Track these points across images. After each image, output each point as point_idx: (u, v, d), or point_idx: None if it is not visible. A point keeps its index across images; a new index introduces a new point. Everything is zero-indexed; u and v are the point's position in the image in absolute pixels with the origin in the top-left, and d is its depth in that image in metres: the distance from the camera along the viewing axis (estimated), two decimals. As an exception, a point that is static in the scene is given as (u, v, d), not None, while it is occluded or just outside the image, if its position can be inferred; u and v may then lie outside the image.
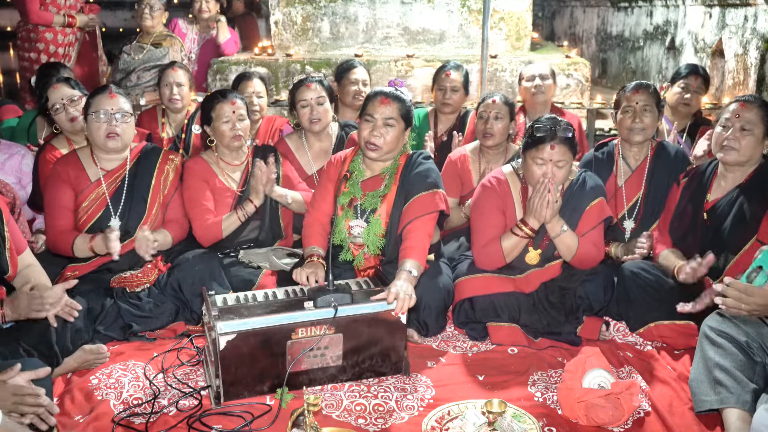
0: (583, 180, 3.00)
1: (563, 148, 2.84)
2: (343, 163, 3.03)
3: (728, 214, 2.84)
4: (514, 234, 2.91)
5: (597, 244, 2.95)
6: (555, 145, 2.82)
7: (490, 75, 5.21)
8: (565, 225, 2.89)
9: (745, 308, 2.25)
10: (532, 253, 2.99)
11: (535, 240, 2.97)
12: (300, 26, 5.72)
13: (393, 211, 2.91)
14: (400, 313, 2.54)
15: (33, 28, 5.20)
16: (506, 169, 3.10)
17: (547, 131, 2.83)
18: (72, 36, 5.30)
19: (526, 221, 2.88)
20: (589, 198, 2.96)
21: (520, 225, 2.90)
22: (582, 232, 2.93)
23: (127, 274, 3.00)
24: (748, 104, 2.81)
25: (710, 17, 5.28)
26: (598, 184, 3.02)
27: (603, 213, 2.97)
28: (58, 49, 5.23)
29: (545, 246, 2.98)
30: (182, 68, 4.16)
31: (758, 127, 2.79)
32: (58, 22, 5.18)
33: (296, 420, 2.21)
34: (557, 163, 2.85)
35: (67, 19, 5.19)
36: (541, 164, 2.85)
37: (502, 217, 2.99)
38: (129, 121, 3.09)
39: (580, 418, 2.34)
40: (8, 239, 2.50)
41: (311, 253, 2.87)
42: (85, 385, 2.56)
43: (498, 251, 2.94)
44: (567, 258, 2.95)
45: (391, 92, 2.92)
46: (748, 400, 2.19)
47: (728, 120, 2.83)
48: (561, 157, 2.84)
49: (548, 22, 9.57)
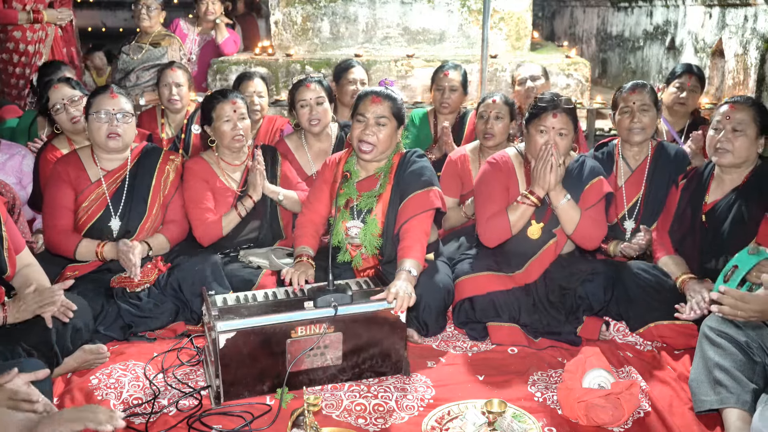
0: (582, 162, 3.05)
1: (565, 117, 2.91)
2: (338, 164, 3.04)
3: (727, 217, 2.84)
4: (521, 203, 2.94)
5: (598, 221, 2.96)
6: (557, 114, 2.90)
7: (490, 75, 5.21)
8: (568, 195, 2.92)
9: (742, 315, 2.24)
10: (535, 226, 3.01)
11: (538, 212, 2.99)
12: (300, 26, 5.72)
13: (389, 211, 2.92)
14: (400, 312, 2.54)
15: (1, 29, 5.10)
16: (510, 151, 3.15)
17: (550, 101, 2.93)
18: (42, 32, 5.17)
19: (533, 190, 2.92)
20: (588, 177, 2.99)
21: (526, 194, 2.93)
22: (583, 209, 2.94)
23: (127, 274, 3.00)
24: (737, 105, 2.82)
25: (710, 17, 5.28)
26: (597, 165, 3.06)
27: (602, 190, 2.98)
28: (27, 47, 5.11)
29: (548, 219, 3.00)
30: (181, 68, 4.16)
31: (750, 127, 2.79)
32: (23, 19, 5.06)
33: (296, 420, 2.21)
34: (560, 131, 2.90)
35: (33, 15, 5.06)
36: (544, 132, 2.91)
37: (506, 193, 3.02)
38: (130, 121, 3.09)
39: (580, 418, 2.34)
40: (6, 239, 2.50)
41: (300, 253, 2.90)
42: (85, 385, 2.56)
43: (504, 222, 2.96)
44: (569, 231, 2.95)
45: (382, 91, 2.93)
46: (748, 400, 2.19)
47: (719, 122, 2.84)
48: (563, 125, 2.90)
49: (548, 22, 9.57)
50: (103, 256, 3.00)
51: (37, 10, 5.10)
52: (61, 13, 5.27)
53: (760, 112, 2.83)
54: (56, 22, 5.26)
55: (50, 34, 5.25)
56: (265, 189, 3.23)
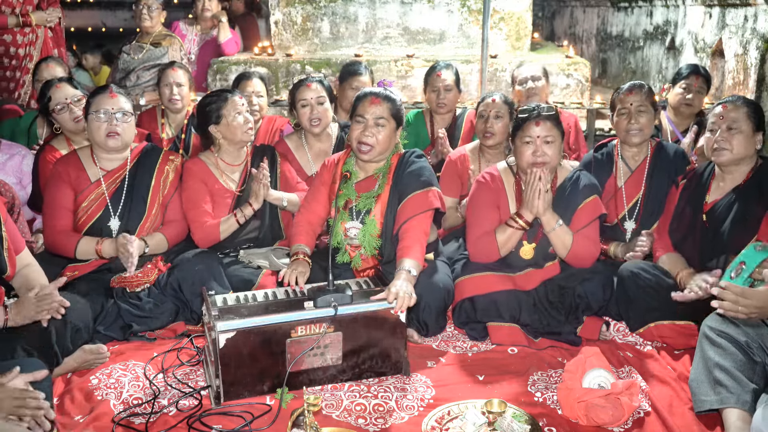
0: (577, 178, 3.02)
1: (548, 124, 2.90)
2: (336, 165, 3.04)
3: (727, 216, 2.84)
4: (509, 226, 2.93)
5: (591, 240, 2.96)
6: (540, 122, 2.89)
7: (490, 75, 5.21)
8: (560, 220, 2.90)
9: (743, 311, 2.24)
10: (527, 247, 3.00)
11: (529, 233, 2.98)
12: (300, 26, 5.72)
13: (387, 211, 2.92)
14: (400, 312, 2.54)
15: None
16: (500, 166, 3.13)
17: (531, 110, 2.93)
18: (32, 35, 5.14)
19: (521, 213, 2.90)
20: (583, 195, 2.98)
21: (514, 217, 2.92)
22: (576, 229, 2.94)
23: (127, 274, 3.00)
24: (729, 104, 2.84)
25: (710, 17, 5.28)
26: (592, 182, 3.04)
27: (597, 210, 2.97)
28: (18, 50, 5.09)
29: (539, 240, 2.99)
30: (182, 68, 4.16)
31: (745, 123, 2.80)
32: (12, 23, 5.02)
33: (296, 420, 2.22)
34: (545, 139, 2.89)
35: (21, 19, 5.02)
36: (530, 143, 2.90)
37: (497, 212, 3.01)
38: (129, 121, 3.09)
39: (580, 418, 2.34)
40: (6, 239, 2.50)
41: (297, 251, 2.90)
42: (85, 385, 2.56)
43: (492, 243, 2.95)
44: (562, 254, 2.95)
45: (380, 92, 2.93)
46: (748, 400, 2.19)
47: (714, 123, 2.85)
48: (547, 132, 2.89)
49: (548, 22, 9.57)
50: (102, 253, 2.99)
51: (25, 13, 5.06)
52: (50, 14, 5.23)
53: (754, 108, 2.85)
54: (45, 24, 5.22)
55: (40, 36, 5.21)
56: (269, 197, 3.22)
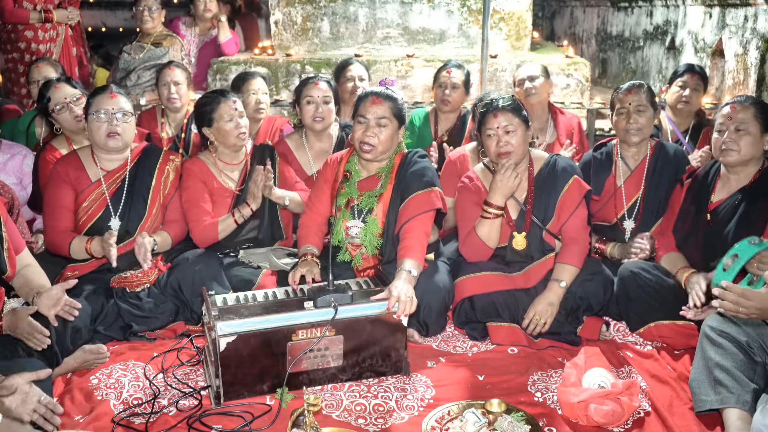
0: (554, 162, 3.03)
1: (507, 114, 2.92)
2: (339, 164, 3.04)
3: (732, 216, 2.83)
4: (484, 218, 2.94)
5: (583, 223, 2.96)
6: (497, 113, 2.92)
7: (490, 75, 5.21)
8: (563, 281, 2.88)
9: (743, 311, 2.24)
10: (518, 237, 2.99)
11: (516, 223, 2.98)
12: (300, 26, 5.72)
13: (389, 211, 2.92)
14: (402, 316, 2.54)
15: (12, 28, 5.12)
16: (477, 168, 3.16)
17: (488, 104, 2.97)
18: (53, 32, 5.20)
19: (489, 201, 2.92)
20: (562, 179, 2.97)
21: (484, 207, 2.94)
22: (564, 218, 2.94)
23: (127, 274, 2.99)
24: (738, 105, 2.84)
25: (710, 17, 5.28)
26: (569, 164, 3.04)
27: (581, 190, 2.97)
28: (39, 46, 5.13)
29: (528, 228, 2.98)
30: (179, 67, 4.16)
31: (753, 124, 2.79)
32: (34, 19, 5.08)
33: (296, 420, 2.22)
34: (506, 129, 2.91)
35: (44, 15, 5.08)
36: (492, 135, 2.93)
37: (479, 210, 3.01)
38: (130, 121, 3.09)
39: (580, 418, 2.34)
40: (6, 239, 2.49)
41: (305, 252, 2.91)
42: (85, 385, 2.56)
43: (475, 239, 2.96)
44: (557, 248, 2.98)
45: (382, 92, 2.93)
46: (748, 400, 2.19)
47: (722, 124, 2.85)
48: (507, 122, 2.91)
49: (548, 22, 9.57)
50: (91, 251, 2.98)
51: (48, 10, 5.13)
52: (71, 12, 5.30)
53: (762, 109, 2.83)
54: (66, 22, 5.29)
55: (61, 33, 5.27)
56: (272, 195, 3.22)
